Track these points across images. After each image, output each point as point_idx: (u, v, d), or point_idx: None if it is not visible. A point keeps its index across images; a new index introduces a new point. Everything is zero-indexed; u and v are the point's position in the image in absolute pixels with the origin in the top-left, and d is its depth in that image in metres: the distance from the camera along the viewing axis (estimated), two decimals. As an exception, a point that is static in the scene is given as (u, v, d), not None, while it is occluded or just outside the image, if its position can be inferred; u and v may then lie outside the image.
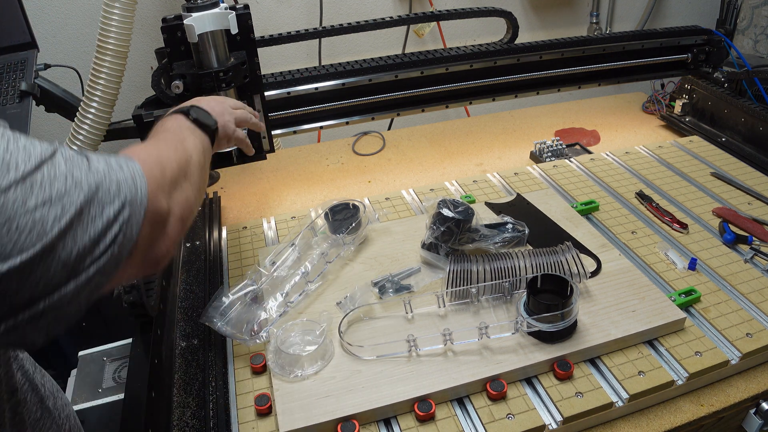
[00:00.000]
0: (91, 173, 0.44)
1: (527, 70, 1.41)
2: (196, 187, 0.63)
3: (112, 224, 0.44)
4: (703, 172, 1.31)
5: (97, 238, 0.43)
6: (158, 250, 0.53)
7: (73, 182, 0.42)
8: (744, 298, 0.96)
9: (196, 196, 0.62)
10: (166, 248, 0.53)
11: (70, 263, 0.41)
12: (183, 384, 0.86)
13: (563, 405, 0.78)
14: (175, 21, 1.01)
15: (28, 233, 0.38)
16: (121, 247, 0.45)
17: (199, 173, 0.66)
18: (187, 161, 0.63)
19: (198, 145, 0.71)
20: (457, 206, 0.98)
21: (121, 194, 0.46)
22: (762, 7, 2.02)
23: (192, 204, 0.60)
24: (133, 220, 0.46)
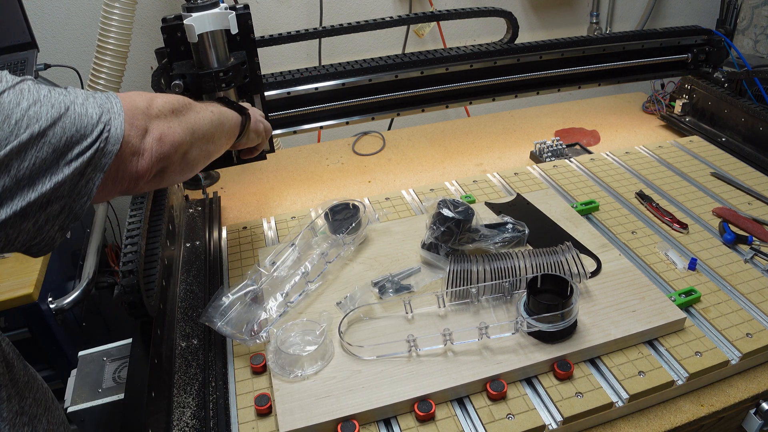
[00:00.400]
0: (72, 88, 0.54)
1: (527, 70, 1.41)
2: (187, 128, 0.67)
3: (97, 124, 0.52)
4: (703, 172, 1.31)
5: (84, 132, 0.51)
6: (137, 166, 0.58)
7: (59, 91, 0.52)
8: (744, 298, 0.96)
9: (184, 134, 0.66)
10: (143, 166, 0.59)
11: (60, 148, 0.50)
12: (183, 384, 0.86)
13: (563, 405, 0.78)
14: (175, 21, 1.01)
15: (25, 127, 0.47)
16: (107, 143, 0.53)
17: (198, 120, 0.70)
18: (184, 106, 0.69)
19: (217, 111, 0.77)
20: (457, 206, 0.98)
21: (103, 105, 0.54)
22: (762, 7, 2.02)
23: (176, 133, 0.64)
24: (115, 123, 0.54)
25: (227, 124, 0.80)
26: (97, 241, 1.39)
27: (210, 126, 0.73)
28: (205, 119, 0.73)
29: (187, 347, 0.93)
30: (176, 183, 0.67)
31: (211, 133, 0.74)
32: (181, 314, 0.99)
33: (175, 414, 0.82)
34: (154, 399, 0.78)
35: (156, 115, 0.62)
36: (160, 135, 0.61)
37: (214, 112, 0.76)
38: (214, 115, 0.76)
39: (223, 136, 0.79)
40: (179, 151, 0.65)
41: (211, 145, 0.75)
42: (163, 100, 0.65)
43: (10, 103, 0.47)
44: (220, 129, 0.77)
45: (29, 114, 0.48)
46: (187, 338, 0.94)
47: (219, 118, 0.77)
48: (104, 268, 1.43)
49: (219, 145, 0.79)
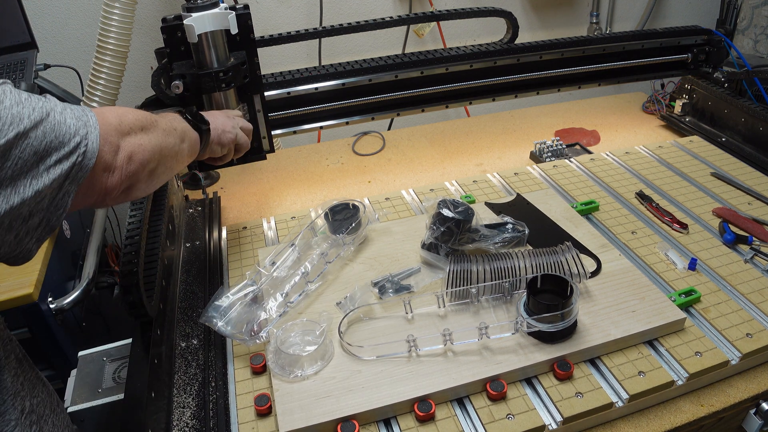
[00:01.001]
0: (49, 97, 0.55)
1: (527, 70, 1.41)
2: (155, 146, 0.69)
3: (74, 135, 0.54)
4: (703, 172, 1.31)
5: (63, 140, 0.52)
6: (107, 182, 0.60)
7: (37, 97, 0.53)
8: (744, 298, 0.96)
9: (153, 152, 0.67)
10: (113, 182, 0.60)
11: (40, 152, 0.50)
12: (183, 384, 0.86)
13: (563, 405, 0.78)
14: (175, 21, 1.01)
15: (9, 123, 0.48)
16: (85, 157, 0.54)
17: (164, 138, 0.72)
18: (151, 123, 0.70)
19: (180, 128, 0.78)
20: (457, 206, 0.98)
21: (80, 118, 0.55)
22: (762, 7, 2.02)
23: (145, 151, 0.65)
24: (91, 137, 0.55)
25: (188, 141, 0.81)
26: (97, 241, 1.39)
27: (174, 143, 0.75)
28: (170, 136, 0.74)
29: (187, 347, 0.93)
30: (139, 198, 0.68)
31: (175, 150, 0.75)
32: (181, 314, 0.99)
33: (175, 414, 0.82)
34: (154, 399, 0.78)
35: (127, 132, 0.63)
36: (130, 153, 0.62)
37: (177, 129, 0.78)
38: (177, 132, 0.77)
39: (185, 151, 0.81)
40: (147, 168, 0.66)
41: (175, 162, 0.77)
42: (133, 116, 0.66)
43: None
44: (182, 145, 0.79)
45: (12, 113, 0.49)
46: (187, 338, 0.94)
47: (181, 135, 0.79)
48: (104, 268, 1.43)
49: (182, 161, 0.80)
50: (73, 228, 1.39)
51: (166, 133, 0.74)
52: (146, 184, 0.68)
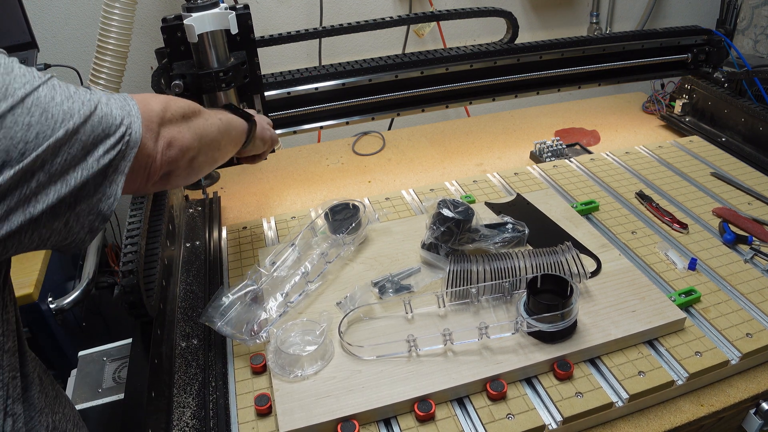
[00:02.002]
0: (93, 87, 0.56)
1: (527, 70, 1.41)
2: (196, 134, 0.69)
3: (120, 126, 0.54)
4: (703, 172, 1.31)
5: (109, 132, 0.53)
6: (148, 169, 0.60)
7: (84, 89, 0.53)
8: (744, 298, 0.96)
9: (193, 139, 0.68)
10: (153, 169, 0.61)
11: (88, 145, 0.51)
12: (183, 384, 0.86)
13: (563, 405, 0.78)
14: (175, 21, 1.01)
15: (61, 121, 0.48)
16: (128, 146, 0.55)
17: (206, 127, 0.72)
18: (195, 112, 0.70)
19: (225, 119, 0.79)
20: (457, 206, 0.98)
21: (124, 108, 0.56)
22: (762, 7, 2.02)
23: (185, 139, 0.66)
24: (135, 126, 0.56)
25: (233, 132, 0.82)
26: (97, 241, 1.39)
27: (217, 133, 0.75)
28: (213, 126, 0.74)
29: (187, 347, 0.93)
30: (179, 186, 0.68)
31: (218, 140, 0.75)
32: (181, 314, 0.99)
33: (175, 414, 0.82)
34: (154, 399, 0.78)
35: (169, 119, 0.64)
36: (170, 139, 0.63)
37: (222, 120, 0.78)
38: (222, 123, 0.77)
39: (230, 143, 0.81)
40: (186, 156, 0.66)
41: (217, 152, 0.77)
42: (177, 104, 0.66)
43: (46, 97, 0.48)
44: (227, 136, 0.79)
45: (63, 109, 0.49)
46: (187, 338, 0.94)
47: (226, 126, 0.79)
48: (104, 268, 1.43)
49: (225, 152, 0.80)
50: (73, 228, 1.39)
51: (210, 123, 0.74)
52: (186, 171, 0.68)
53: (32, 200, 0.47)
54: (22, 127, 0.46)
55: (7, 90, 0.45)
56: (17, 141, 0.45)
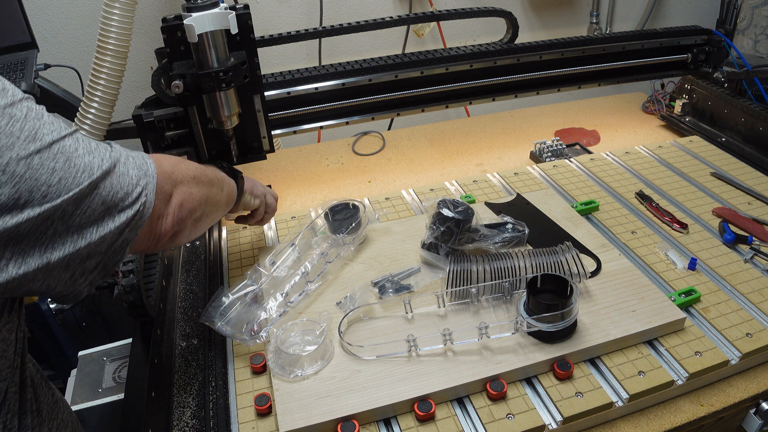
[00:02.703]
0: (114, 144, 0.57)
1: (527, 70, 1.41)
2: (202, 195, 0.71)
3: (136, 186, 0.55)
4: (703, 172, 1.31)
5: (128, 191, 0.54)
6: (160, 228, 0.62)
7: (104, 146, 0.55)
8: (744, 298, 0.96)
9: (200, 201, 0.70)
10: (165, 229, 0.62)
11: (107, 203, 0.52)
12: (183, 384, 0.86)
13: (563, 405, 0.78)
14: (175, 21, 1.01)
15: (82, 172, 0.50)
16: (145, 207, 0.56)
17: (209, 188, 0.75)
18: (200, 173, 0.73)
19: (220, 176, 0.82)
20: (457, 206, 0.98)
21: (141, 168, 0.57)
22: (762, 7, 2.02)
23: (194, 200, 0.68)
24: (150, 188, 0.57)
25: (227, 189, 0.84)
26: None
27: (217, 193, 0.78)
28: (215, 187, 0.78)
29: (187, 347, 0.93)
30: (182, 245, 0.71)
31: (217, 199, 0.79)
32: (181, 314, 0.99)
33: (175, 414, 0.82)
34: (154, 399, 0.78)
35: (179, 180, 0.66)
36: (181, 201, 0.65)
37: (218, 179, 0.80)
38: (218, 181, 0.80)
39: (224, 200, 0.83)
40: (193, 216, 0.69)
41: (216, 211, 0.79)
42: (185, 167, 0.69)
43: (70, 147, 0.50)
44: (222, 194, 0.82)
45: (85, 162, 0.50)
46: (187, 338, 0.94)
47: (221, 184, 0.81)
48: (104, 268, 1.43)
49: (221, 210, 0.83)
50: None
51: (212, 183, 0.76)
52: (190, 230, 0.70)
53: (49, 247, 0.48)
54: (47, 170, 0.47)
55: (37, 134, 0.47)
56: (41, 183, 0.46)
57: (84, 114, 1.15)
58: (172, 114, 1.11)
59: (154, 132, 1.13)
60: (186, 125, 1.12)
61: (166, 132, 1.13)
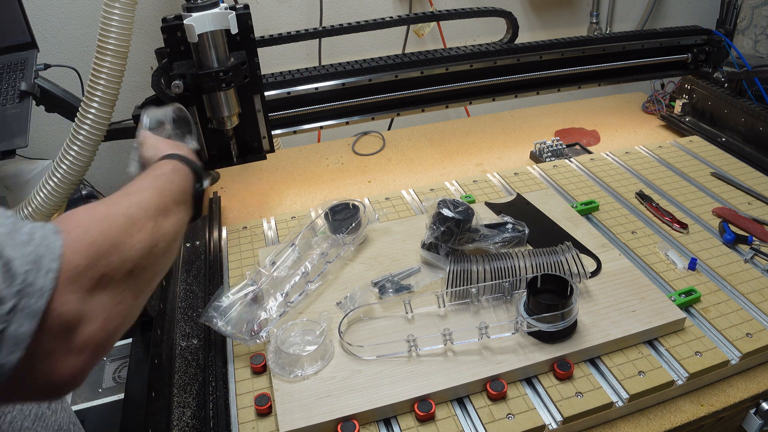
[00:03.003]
0: (18, 219, 0.38)
1: (527, 70, 1.41)
2: (139, 289, 0.47)
3: (15, 283, 0.35)
4: (703, 172, 1.31)
5: (9, 283, 0.35)
6: (58, 371, 0.38)
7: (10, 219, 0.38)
8: (744, 298, 0.96)
9: (134, 300, 0.47)
10: (71, 370, 0.39)
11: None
12: (183, 384, 0.86)
13: (563, 405, 0.78)
14: (175, 21, 1.01)
15: None
16: (27, 311, 0.35)
17: (167, 252, 0.53)
18: (155, 243, 0.50)
19: (180, 199, 0.63)
20: (457, 206, 0.98)
21: (17, 279, 0.35)
22: (762, 7, 2.02)
23: (126, 308, 0.45)
24: (23, 319, 0.35)
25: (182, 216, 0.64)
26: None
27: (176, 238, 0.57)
28: (174, 228, 0.56)
29: (187, 347, 0.93)
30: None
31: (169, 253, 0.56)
32: (181, 314, 0.99)
33: (175, 414, 0.82)
34: (154, 399, 0.78)
35: (109, 273, 0.42)
36: (104, 320, 0.41)
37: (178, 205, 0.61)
38: (180, 213, 0.61)
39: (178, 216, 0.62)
40: (121, 329, 0.46)
41: (167, 256, 0.56)
42: (121, 247, 0.45)
43: None
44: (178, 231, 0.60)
45: None
46: (187, 338, 0.94)
47: (183, 208, 0.64)
48: (104, 268, 1.43)
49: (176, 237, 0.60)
50: (73, 228, 1.39)
51: (172, 234, 0.55)
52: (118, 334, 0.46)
53: None
54: None
55: None
56: None
57: (84, 114, 1.14)
58: (172, 114, 1.11)
59: (154, 132, 1.13)
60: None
61: (166, 132, 1.13)
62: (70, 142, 1.14)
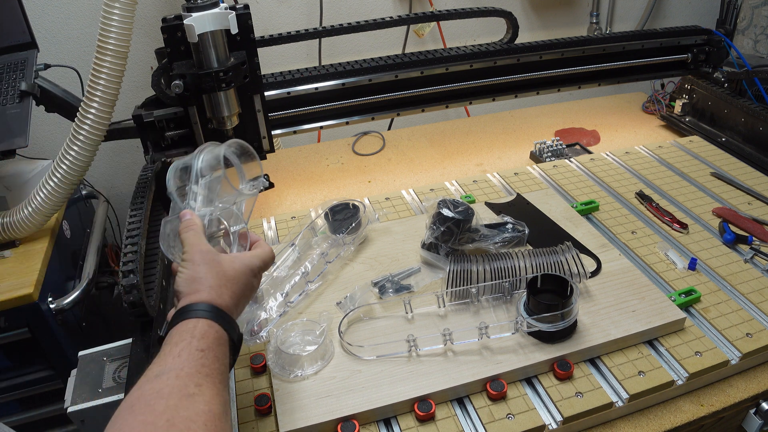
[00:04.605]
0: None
1: (527, 70, 1.41)
2: None
3: None
4: (703, 172, 1.31)
5: None
6: None
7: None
8: (744, 298, 0.96)
9: None
10: None
11: None
12: (183, 384, 0.86)
13: (563, 405, 0.78)
14: (175, 21, 1.01)
15: None
16: None
17: None
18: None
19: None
20: (457, 206, 0.98)
21: None
22: (762, 7, 2.02)
23: None
24: None
25: (222, 373, 0.56)
26: (97, 241, 1.39)
27: None
28: None
29: (187, 347, 0.93)
30: None
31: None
32: (181, 314, 0.99)
33: (175, 414, 0.81)
34: (154, 399, 0.77)
35: None
36: None
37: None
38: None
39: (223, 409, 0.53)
40: None
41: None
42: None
43: None
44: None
45: None
46: (187, 338, 0.94)
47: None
48: (104, 268, 1.43)
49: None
50: (73, 228, 1.39)
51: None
52: None
53: None
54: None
55: None
56: None
57: (84, 114, 1.14)
58: (172, 114, 1.11)
59: (154, 132, 1.13)
60: (186, 125, 1.12)
61: (166, 132, 1.13)
62: (70, 142, 1.14)
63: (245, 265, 0.65)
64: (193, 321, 0.57)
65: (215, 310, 0.58)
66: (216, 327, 0.57)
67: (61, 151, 1.13)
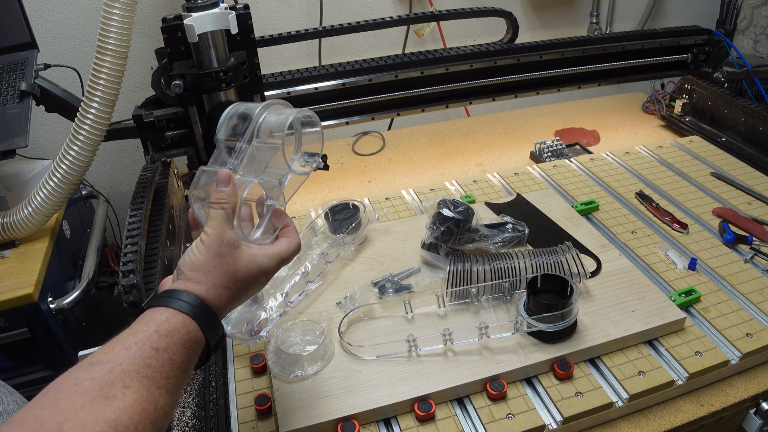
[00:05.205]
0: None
1: (527, 70, 1.41)
2: None
3: None
4: (703, 172, 1.31)
5: None
6: None
7: None
8: (744, 298, 0.96)
9: None
10: None
11: None
12: (183, 384, 0.86)
13: (563, 405, 0.78)
14: (175, 21, 1.01)
15: None
16: None
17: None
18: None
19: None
20: (457, 206, 0.98)
21: None
22: (762, 7, 2.02)
23: None
24: None
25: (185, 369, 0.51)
26: (97, 241, 1.39)
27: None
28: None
29: (187, 347, 0.93)
30: None
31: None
32: (181, 314, 0.99)
33: (175, 414, 0.81)
34: (154, 399, 0.77)
35: None
36: None
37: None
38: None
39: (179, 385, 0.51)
40: None
41: None
42: None
43: None
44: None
45: None
46: (187, 338, 0.94)
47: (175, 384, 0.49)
48: (104, 268, 1.43)
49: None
50: (73, 228, 1.39)
51: None
52: None
53: None
54: None
55: None
56: None
57: (84, 114, 1.14)
58: (172, 114, 1.11)
59: (154, 132, 1.13)
60: (186, 125, 1.12)
61: (166, 132, 1.13)
62: (70, 142, 1.14)
63: (260, 268, 0.59)
64: (169, 312, 0.52)
65: (204, 309, 0.54)
66: (192, 327, 0.52)
67: (61, 151, 1.13)
